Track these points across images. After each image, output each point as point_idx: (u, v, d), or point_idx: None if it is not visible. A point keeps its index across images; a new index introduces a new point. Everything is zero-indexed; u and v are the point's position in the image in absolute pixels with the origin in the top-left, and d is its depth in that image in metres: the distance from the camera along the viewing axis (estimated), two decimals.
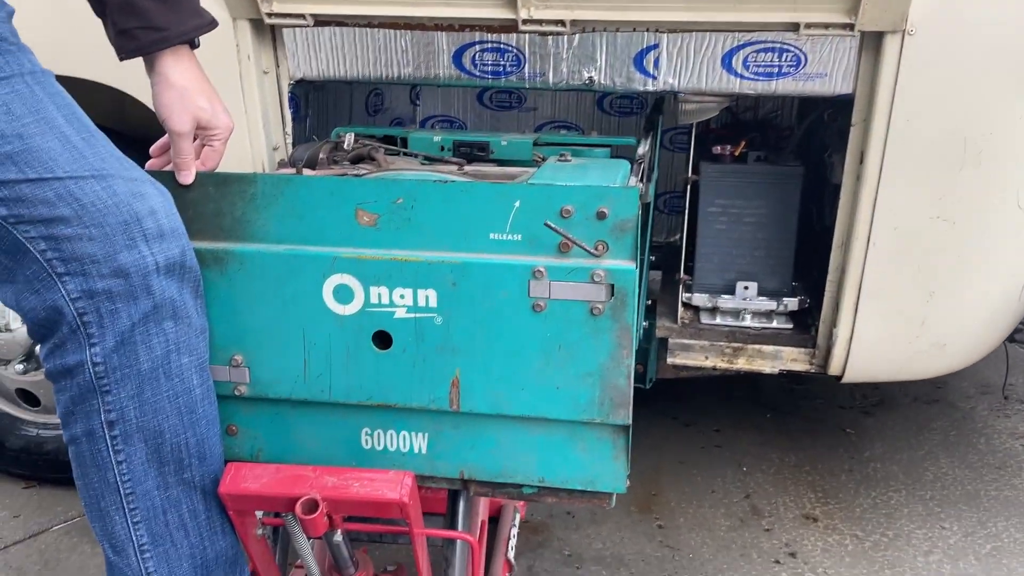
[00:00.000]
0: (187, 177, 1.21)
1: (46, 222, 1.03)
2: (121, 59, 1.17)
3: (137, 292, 1.08)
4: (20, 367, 2.12)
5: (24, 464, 2.23)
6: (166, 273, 1.10)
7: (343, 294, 1.22)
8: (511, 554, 1.78)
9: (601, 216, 1.14)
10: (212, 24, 1.23)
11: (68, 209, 1.03)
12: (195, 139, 1.23)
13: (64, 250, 1.04)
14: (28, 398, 2.21)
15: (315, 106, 2.09)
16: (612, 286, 1.15)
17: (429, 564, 1.31)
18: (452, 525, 1.39)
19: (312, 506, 1.15)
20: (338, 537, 1.23)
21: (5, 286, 1.08)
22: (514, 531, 1.86)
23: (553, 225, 1.13)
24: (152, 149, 1.29)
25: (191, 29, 1.19)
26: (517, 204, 1.16)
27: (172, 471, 1.16)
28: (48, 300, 1.06)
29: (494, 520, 1.93)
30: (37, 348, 2.09)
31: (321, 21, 1.74)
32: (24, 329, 2.07)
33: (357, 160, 1.56)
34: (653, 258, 2.20)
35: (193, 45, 1.22)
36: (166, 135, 1.24)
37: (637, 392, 1.26)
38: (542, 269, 1.16)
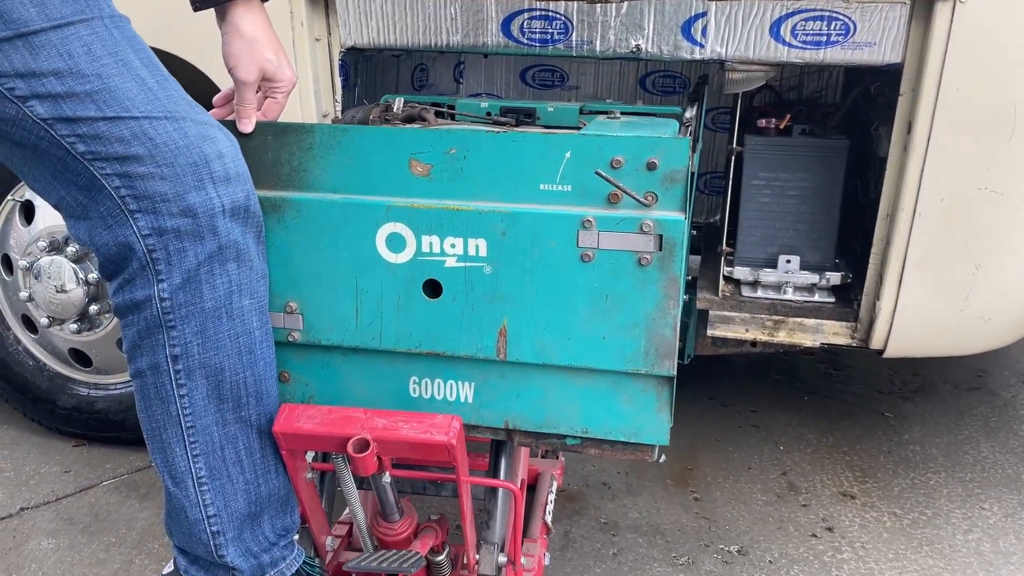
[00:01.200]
0: (247, 126, 1.25)
1: (121, 159, 1.07)
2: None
3: (203, 232, 1.12)
4: (74, 327, 2.18)
5: (75, 423, 2.29)
6: (231, 216, 1.14)
7: (395, 243, 1.25)
8: (548, 518, 1.81)
9: (651, 167, 1.16)
10: None
11: (142, 148, 1.08)
12: (258, 91, 1.27)
13: (137, 188, 1.09)
14: (80, 358, 2.27)
15: (364, 78, 2.13)
16: (661, 237, 1.17)
17: (472, 512, 1.34)
18: (495, 476, 1.42)
19: (363, 445, 1.18)
20: (387, 479, 1.26)
21: (79, 222, 1.13)
22: (551, 496, 1.88)
23: (604, 174, 1.15)
24: (216, 99, 1.33)
25: None
26: (568, 155, 1.18)
27: (230, 408, 1.20)
28: (120, 236, 1.10)
29: (532, 488, 1.95)
30: (101, 300, 2.15)
31: None
32: (79, 290, 2.14)
33: (408, 120, 1.59)
34: (695, 232, 2.21)
35: None
36: (230, 86, 1.28)
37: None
38: (591, 219, 1.18)
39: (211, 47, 1.27)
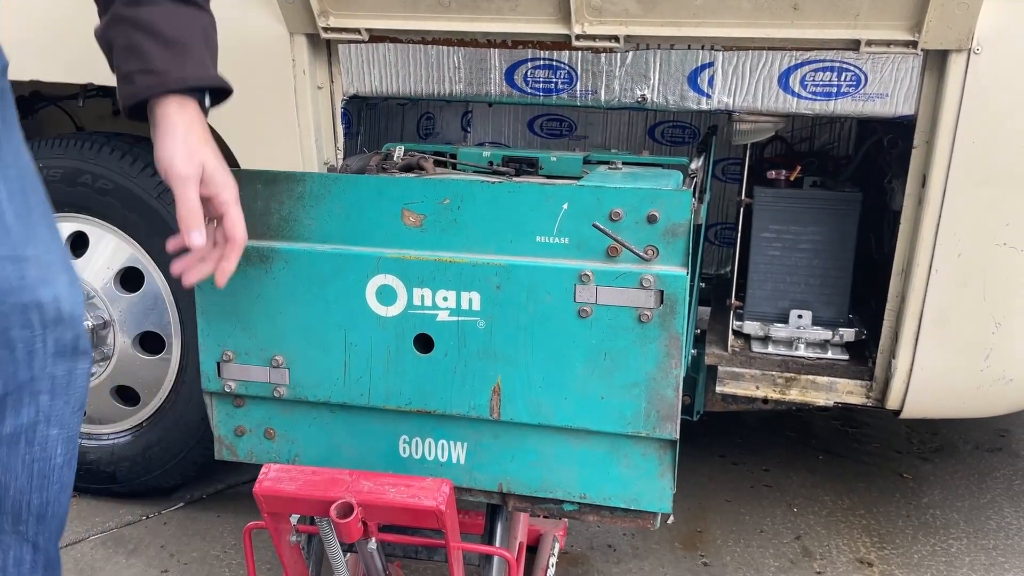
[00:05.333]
0: (198, 238, 1.08)
1: None
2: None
3: (19, 364, 1.09)
4: None
5: None
6: (55, 354, 1.12)
7: (386, 295, 1.21)
8: None
9: (652, 219, 1.11)
10: (217, 81, 1.12)
11: None
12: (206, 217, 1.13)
13: None
14: None
15: (367, 126, 2.11)
16: (662, 292, 1.12)
17: None
18: (490, 542, 1.35)
19: (347, 510, 1.12)
20: (372, 545, 1.19)
21: None
22: (552, 560, 1.80)
23: (601, 226, 1.10)
24: (170, 245, 1.16)
25: (191, 77, 1.08)
26: (565, 206, 1.14)
27: (9, 520, 1.18)
28: None
29: (533, 549, 1.87)
30: None
31: (376, 36, 1.75)
32: None
33: (406, 169, 1.55)
34: (703, 285, 2.15)
35: (202, 106, 1.13)
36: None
37: (683, 426, 1.21)
38: (589, 273, 1.13)
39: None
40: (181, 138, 1.09)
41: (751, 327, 1.92)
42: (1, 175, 1.07)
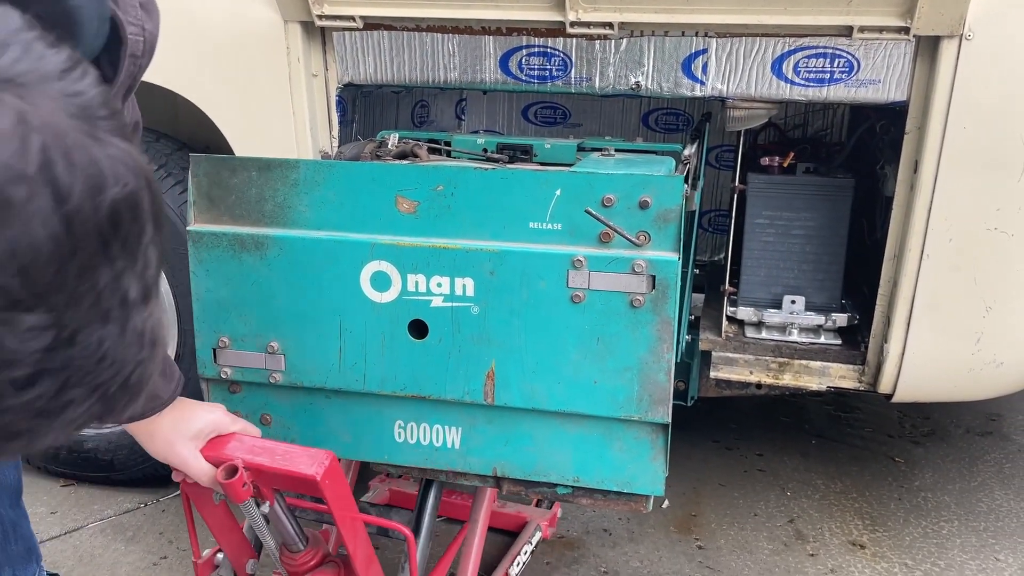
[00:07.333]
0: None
1: None
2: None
3: None
4: None
5: (63, 462, 2.24)
6: None
7: (380, 281, 1.21)
8: (515, 570, 1.75)
9: (644, 205, 1.12)
10: (169, 401, 1.15)
11: None
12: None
13: None
14: None
15: (362, 114, 2.11)
16: (653, 277, 1.13)
17: (365, 551, 1.25)
18: (419, 516, 1.35)
19: (232, 471, 1.12)
20: (265, 509, 1.19)
21: None
22: (527, 547, 1.82)
23: (594, 212, 1.11)
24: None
25: (128, 419, 1.13)
26: (558, 192, 1.14)
27: None
28: None
29: (515, 535, 1.90)
30: None
31: (370, 24, 1.75)
32: None
33: (401, 156, 1.56)
34: (697, 271, 2.16)
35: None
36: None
37: (677, 411, 1.22)
38: (582, 259, 1.14)
39: (213, 88, 1.24)
40: (160, 439, 1.15)
41: (745, 313, 1.94)
42: None
